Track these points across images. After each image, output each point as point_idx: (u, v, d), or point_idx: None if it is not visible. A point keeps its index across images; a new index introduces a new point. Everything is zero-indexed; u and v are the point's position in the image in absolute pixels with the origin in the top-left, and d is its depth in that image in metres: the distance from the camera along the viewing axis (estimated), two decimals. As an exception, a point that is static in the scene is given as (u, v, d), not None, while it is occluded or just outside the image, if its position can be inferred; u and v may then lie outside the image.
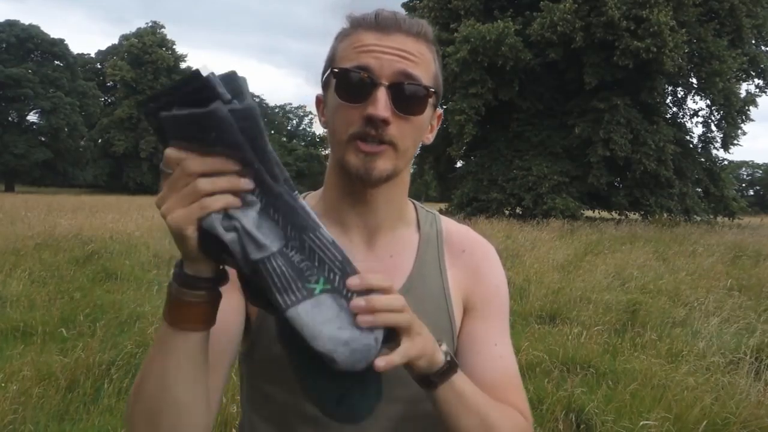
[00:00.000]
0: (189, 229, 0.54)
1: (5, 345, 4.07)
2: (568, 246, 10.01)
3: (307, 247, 0.55)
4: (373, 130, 0.72)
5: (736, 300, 6.05)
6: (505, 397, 0.81)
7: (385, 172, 0.75)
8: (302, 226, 0.55)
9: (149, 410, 0.63)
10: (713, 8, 20.27)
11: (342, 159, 0.76)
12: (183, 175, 0.53)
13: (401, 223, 0.86)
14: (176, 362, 0.61)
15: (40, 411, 2.94)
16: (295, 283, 0.55)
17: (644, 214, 20.58)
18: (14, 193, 36.15)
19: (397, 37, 0.75)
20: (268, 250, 0.54)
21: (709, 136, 23.05)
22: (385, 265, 0.83)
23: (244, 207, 0.54)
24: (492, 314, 0.86)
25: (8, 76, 47.55)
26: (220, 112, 0.50)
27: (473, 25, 19.20)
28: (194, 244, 0.55)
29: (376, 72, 0.72)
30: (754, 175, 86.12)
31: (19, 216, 11.67)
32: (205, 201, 0.53)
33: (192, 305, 0.59)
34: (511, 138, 21.30)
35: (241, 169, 0.54)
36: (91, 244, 8.05)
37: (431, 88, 0.76)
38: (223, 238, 0.53)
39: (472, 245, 0.89)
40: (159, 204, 0.55)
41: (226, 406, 2.78)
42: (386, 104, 0.72)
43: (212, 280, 0.59)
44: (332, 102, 0.76)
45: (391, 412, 0.79)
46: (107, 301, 5.31)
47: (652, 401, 3.27)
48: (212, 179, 0.53)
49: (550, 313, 5.40)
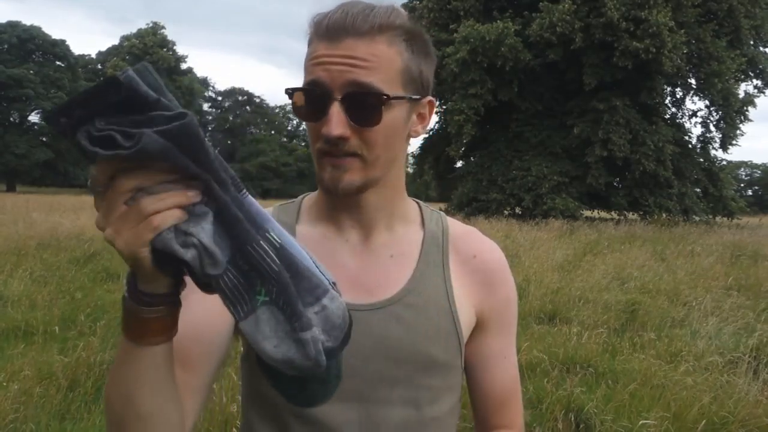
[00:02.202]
0: (141, 252, 0.49)
1: (6, 344, 4.08)
2: (567, 246, 10.01)
3: (249, 258, 0.52)
4: (333, 147, 0.70)
5: (734, 300, 6.05)
6: (508, 410, 0.84)
7: (353, 185, 0.72)
8: (244, 238, 0.52)
9: (116, 422, 0.62)
10: (712, 9, 20.29)
11: (317, 173, 0.75)
12: (118, 195, 0.48)
13: (400, 222, 0.83)
14: (137, 374, 0.58)
15: (41, 410, 2.95)
16: (244, 296, 0.53)
17: (643, 214, 20.59)
18: (15, 193, 36.14)
19: (345, 43, 0.69)
20: (222, 264, 0.52)
21: (707, 137, 23.09)
22: (385, 265, 0.80)
23: (195, 219, 0.50)
24: (503, 327, 0.85)
25: (9, 76, 47.53)
26: (151, 147, 0.45)
27: (473, 25, 19.21)
28: (149, 264, 0.50)
29: (327, 85, 0.68)
30: (752, 175, 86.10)
31: (22, 216, 11.68)
32: (153, 220, 0.48)
33: (150, 321, 0.56)
34: (511, 138, 21.31)
35: (185, 180, 0.49)
36: (92, 244, 8.06)
37: (384, 95, 0.69)
38: (183, 257, 0.50)
39: (484, 252, 0.85)
40: (100, 227, 0.50)
41: (226, 406, 2.79)
42: (339, 120, 0.68)
43: (169, 294, 0.56)
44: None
45: (392, 417, 0.76)
46: (108, 301, 5.32)
47: (651, 401, 3.28)
48: (156, 197, 0.48)
49: (549, 313, 5.40)
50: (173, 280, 0.55)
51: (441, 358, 0.78)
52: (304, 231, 0.82)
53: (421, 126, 0.79)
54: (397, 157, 0.77)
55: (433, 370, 0.78)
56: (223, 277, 0.52)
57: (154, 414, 0.60)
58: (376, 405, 0.75)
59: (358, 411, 0.75)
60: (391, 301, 0.77)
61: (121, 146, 0.45)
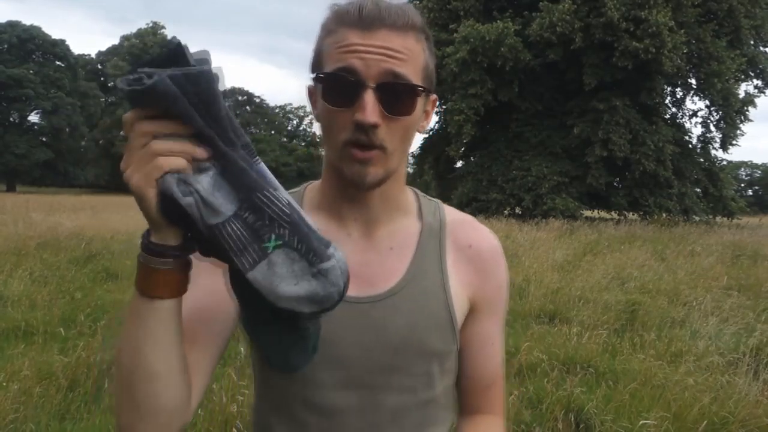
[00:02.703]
0: (149, 192, 0.55)
1: (6, 344, 4.08)
2: (567, 246, 10.01)
3: (257, 206, 0.56)
4: (363, 136, 0.71)
5: (734, 300, 6.05)
6: (491, 394, 0.89)
7: (378, 177, 0.74)
8: (251, 186, 0.56)
9: (126, 381, 0.64)
10: (712, 9, 20.28)
11: (337, 166, 0.76)
12: (137, 136, 0.54)
13: (400, 214, 0.84)
14: (147, 331, 0.61)
15: (41, 410, 2.95)
16: (251, 245, 0.56)
17: (643, 214, 20.59)
18: (15, 193, 36.14)
19: (381, 34, 0.71)
20: (224, 215, 0.55)
21: (708, 137, 23.07)
22: (385, 257, 0.82)
23: (198, 173, 0.55)
24: (493, 312, 0.87)
25: (9, 76, 47.53)
26: (160, 86, 0.51)
27: (473, 25, 19.21)
28: (154, 207, 0.56)
29: (362, 74, 0.70)
30: (752, 175, 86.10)
31: (22, 216, 11.68)
32: (159, 160, 0.54)
33: (160, 273, 0.60)
34: (511, 138, 21.31)
35: (195, 136, 0.55)
36: (92, 244, 8.06)
37: (419, 87, 0.73)
38: (180, 201, 0.55)
39: (479, 240, 0.87)
40: (123, 168, 0.56)
41: (226, 406, 2.79)
42: (374, 107, 0.70)
43: (178, 248, 0.60)
44: (321, 105, 0.75)
45: (392, 402, 0.80)
46: (108, 301, 5.33)
47: (652, 401, 3.28)
48: (166, 141, 0.54)
49: (549, 313, 5.40)
50: (181, 233, 0.59)
51: (437, 346, 0.81)
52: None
53: (426, 122, 0.81)
54: (407, 150, 0.79)
55: (430, 357, 0.81)
56: (225, 226, 0.55)
57: (162, 374, 0.63)
58: (375, 391, 0.79)
59: (360, 397, 0.78)
60: (390, 293, 0.80)
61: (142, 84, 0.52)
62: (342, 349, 0.77)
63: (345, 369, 0.78)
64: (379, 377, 0.79)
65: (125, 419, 0.65)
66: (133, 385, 0.64)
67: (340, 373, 0.78)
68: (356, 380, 0.78)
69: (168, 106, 0.53)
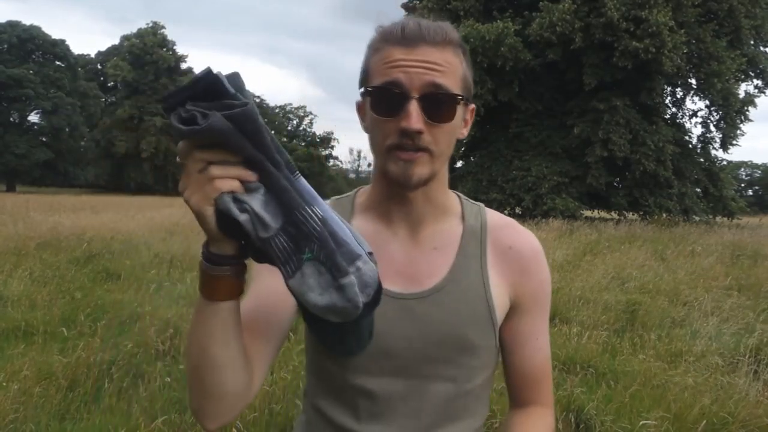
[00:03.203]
0: (207, 210, 0.63)
1: (6, 344, 4.08)
2: (567, 246, 10.00)
3: (297, 222, 0.63)
4: (409, 141, 0.78)
5: (735, 300, 6.05)
6: (540, 387, 0.94)
7: (423, 177, 0.81)
8: (292, 204, 0.63)
9: (195, 368, 0.74)
10: (712, 9, 20.27)
11: (383, 168, 0.83)
12: (195, 163, 0.62)
13: (444, 216, 0.91)
14: (210, 329, 0.71)
15: (41, 410, 2.95)
16: (292, 257, 0.64)
17: (643, 214, 20.58)
18: (15, 193, 36.14)
19: (422, 50, 0.79)
20: (273, 229, 0.63)
21: (708, 137, 23.05)
22: (429, 256, 0.88)
23: (249, 192, 0.63)
24: (536, 309, 0.93)
25: (9, 76, 47.54)
26: (216, 126, 0.58)
27: (472, 25, 19.21)
28: (213, 223, 0.64)
29: (406, 86, 0.78)
30: (753, 175, 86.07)
31: (21, 216, 11.68)
32: (216, 183, 0.62)
33: (219, 279, 0.69)
34: (511, 138, 21.31)
35: (245, 161, 0.62)
36: (92, 244, 8.05)
37: (459, 95, 0.81)
38: (237, 218, 0.62)
39: (520, 242, 0.92)
40: (181, 190, 0.64)
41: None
42: (418, 116, 0.77)
43: (234, 257, 0.68)
44: (370, 116, 0.83)
45: (435, 390, 0.86)
46: (108, 301, 5.33)
47: (652, 401, 3.28)
48: (221, 167, 0.62)
49: (549, 313, 5.39)
50: (236, 243, 0.67)
51: (477, 341, 0.87)
52: (357, 224, 0.90)
53: (465, 129, 0.88)
54: (449, 155, 0.86)
55: (470, 350, 0.87)
56: (274, 239, 0.63)
57: (226, 365, 0.73)
58: (419, 380, 0.86)
59: (405, 384, 0.86)
60: (434, 290, 0.87)
61: (197, 124, 0.59)
62: (389, 341, 0.84)
63: (392, 359, 0.85)
64: (423, 367, 0.86)
65: (196, 403, 0.76)
66: (200, 375, 0.73)
67: (388, 362, 0.85)
68: (402, 369, 0.86)
69: (222, 142, 0.60)
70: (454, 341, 0.86)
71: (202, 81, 0.59)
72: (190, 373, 0.75)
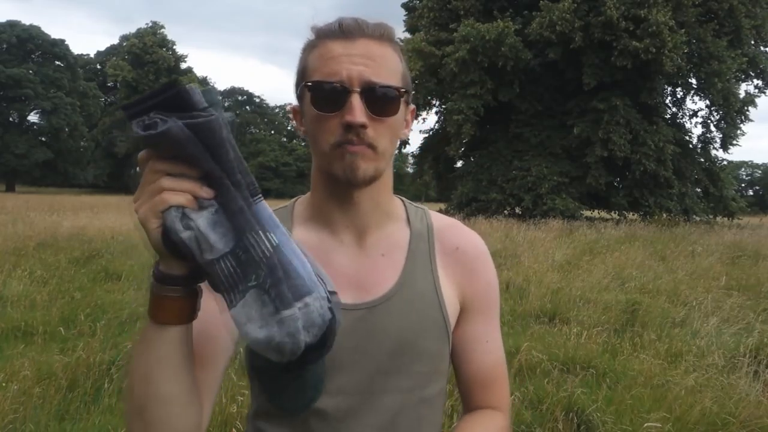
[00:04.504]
0: (152, 223, 0.59)
1: (6, 345, 4.08)
2: (567, 246, 10.00)
3: (247, 247, 0.59)
4: (353, 136, 0.75)
5: (735, 300, 6.04)
6: (492, 391, 0.89)
7: (368, 173, 0.77)
8: (244, 226, 0.59)
9: (138, 405, 0.66)
10: (712, 8, 20.26)
11: (328, 168, 0.79)
12: (149, 173, 0.59)
13: (389, 221, 0.88)
14: (157, 356, 0.64)
15: (41, 410, 2.94)
16: (238, 284, 0.59)
17: (643, 214, 20.58)
18: (15, 193, 36.16)
19: (362, 43, 0.77)
20: (219, 251, 0.58)
21: (708, 137, 23.05)
22: (377, 263, 0.85)
23: (200, 210, 0.59)
24: (484, 311, 0.89)
25: (9, 76, 47.53)
26: (172, 131, 0.55)
27: (472, 24, 19.20)
28: (157, 238, 0.60)
29: (347, 80, 0.75)
30: (753, 175, 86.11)
31: (21, 216, 11.68)
32: (165, 195, 0.58)
33: (168, 300, 0.63)
34: (511, 138, 21.30)
35: (203, 176, 0.59)
36: (92, 244, 8.05)
37: (402, 88, 0.78)
38: (179, 234, 0.58)
39: (465, 242, 0.90)
40: (134, 200, 0.61)
41: (226, 406, 2.79)
42: (361, 109, 0.74)
43: (184, 277, 0.63)
44: (310, 113, 0.79)
45: (389, 403, 0.82)
46: (108, 301, 5.32)
47: (652, 402, 3.27)
48: (175, 178, 0.59)
49: (549, 313, 5.40)
50: (188, 264, 0.62)
51: (431, 348, 0.84)
52: (299, 235, 0.85)
53: (407, 130, 0.85)
54: (392, 154, 0.83)
55: (424, 359, 0.83)
56: (219, 262, 0.58)
57: (172, 399, 0.66)
58: (372, 394, 0.81)
59: (358, 400, 0.81)
60: (384, 299, 0.82)
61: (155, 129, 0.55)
62: (342, 355, 0.78)
63: (345, 374, 0.80)
64: (377, 380, 0.81)
65: None
66: (144, 409, 0.66)
67: (341, 378, 0.79)
68: (355, 384, 0.81)
69: (179, 151, 0.57)
70: (407, 350, 0.82)
71: (168, 91, 0.57)
72: (131, 410, 0.67)
